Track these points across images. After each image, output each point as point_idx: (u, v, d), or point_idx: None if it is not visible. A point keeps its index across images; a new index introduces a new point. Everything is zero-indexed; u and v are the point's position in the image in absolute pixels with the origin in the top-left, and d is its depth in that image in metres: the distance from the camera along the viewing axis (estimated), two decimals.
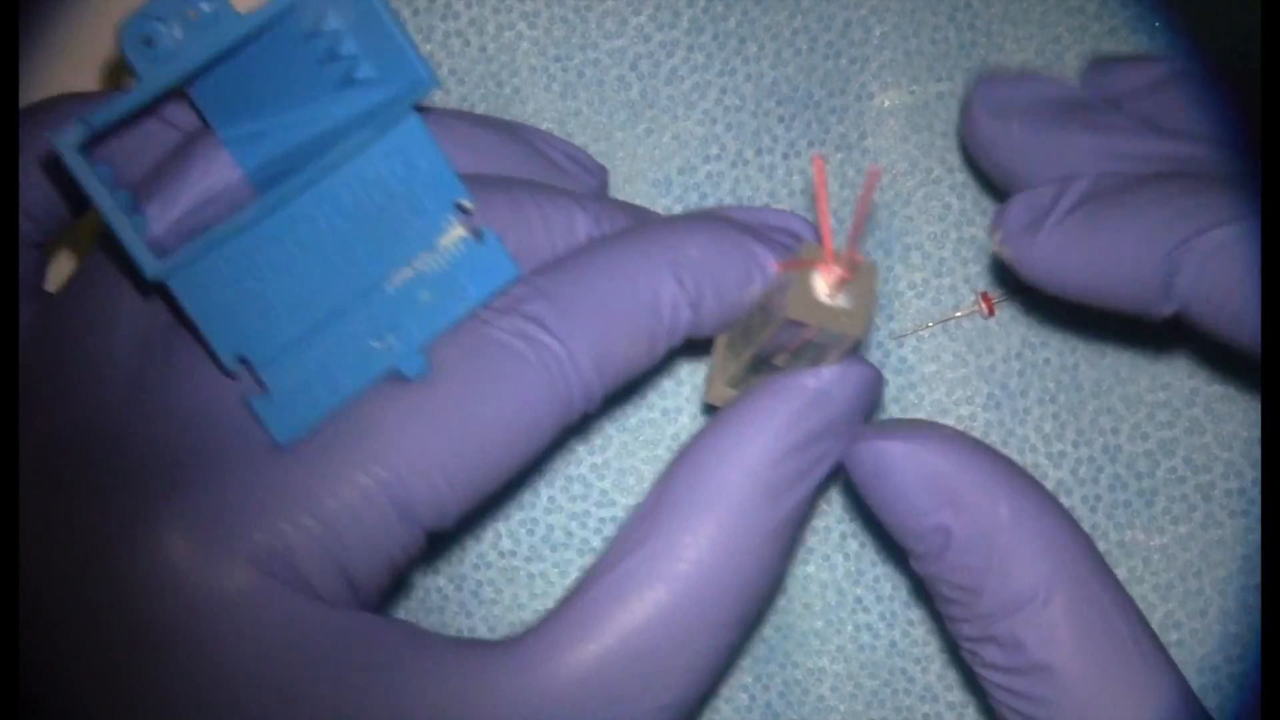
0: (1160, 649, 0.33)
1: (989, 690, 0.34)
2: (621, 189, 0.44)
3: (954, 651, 0.43)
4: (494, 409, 0.33)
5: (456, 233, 0.35)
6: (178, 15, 0.31)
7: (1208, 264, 0.31)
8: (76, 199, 0.37)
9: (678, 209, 0.44)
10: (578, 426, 0.35)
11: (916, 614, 0.44)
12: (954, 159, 0.44)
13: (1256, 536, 0.43)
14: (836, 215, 0.44)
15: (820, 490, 0.35)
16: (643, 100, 0.44)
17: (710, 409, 0.43)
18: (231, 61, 0.33)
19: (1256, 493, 0.43)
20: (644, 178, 0.44)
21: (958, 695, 0.43)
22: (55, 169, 0.36)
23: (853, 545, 0.44)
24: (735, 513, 0.33)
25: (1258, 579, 0.43)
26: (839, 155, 0.44)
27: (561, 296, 0.34)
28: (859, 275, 0.33)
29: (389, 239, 0.34)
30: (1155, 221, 0.32)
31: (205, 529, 0.32)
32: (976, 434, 0.44)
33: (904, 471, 0.34)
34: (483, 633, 0.44)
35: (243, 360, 0.33)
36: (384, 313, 0.34)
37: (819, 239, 0.37)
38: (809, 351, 0.35)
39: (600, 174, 0.40)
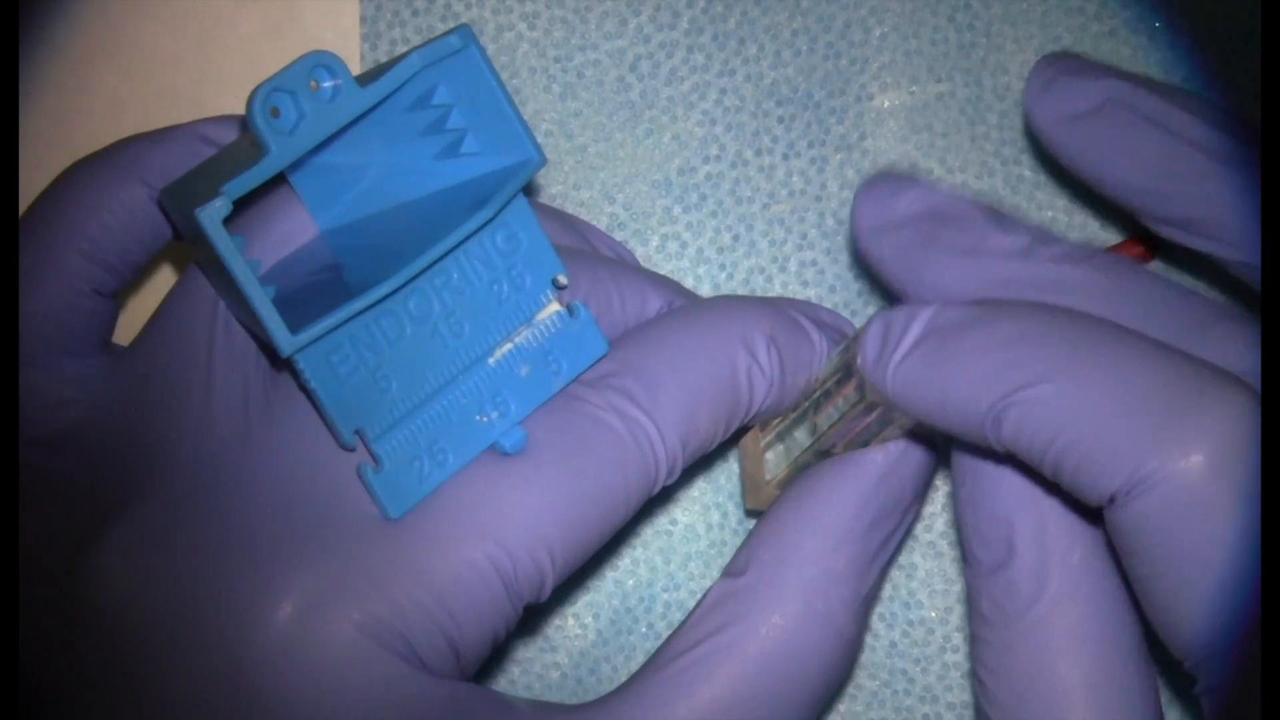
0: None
1: (979, 715, 0.35)
2: (621, 189, 0.44)
3: (954, 652, 0.43)
4: (592, 485, 0.34)
5: (553, 308, 0.36)
6: (302, 86, 0.31)
7: (1025, 421, 0.31)
8: (150, 247, 0.37)
9: (677, 209, 0.44)
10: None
11: (916, 615, 0.44)
12: (954, 160, 0.44)
13: None
14: (835, 216, 0.44)
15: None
16: (642, 101, 0.44)
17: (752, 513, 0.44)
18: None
19: None
20: (644, 178, 0.44)
21: (957, 696, 0.43)
22: (133, 218, 0.36)
23: None
24: (821, 593, 0.35)
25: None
26: (839, 156, 0.44)
27: (649, 372, 0.35)
28: None
29: (492, 313, 0.35)
30: (980, 373, 0.32)
31: (320, 600, 0.33)
32: None
33: (1002, 479, 0.34)
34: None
35: (358, 433, 0.34)
36: (486, 387, 0.35)
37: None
38: (864, 438, 0.36)
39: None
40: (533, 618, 0.44)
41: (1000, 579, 0.34)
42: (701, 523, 0.44)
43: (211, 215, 0.31)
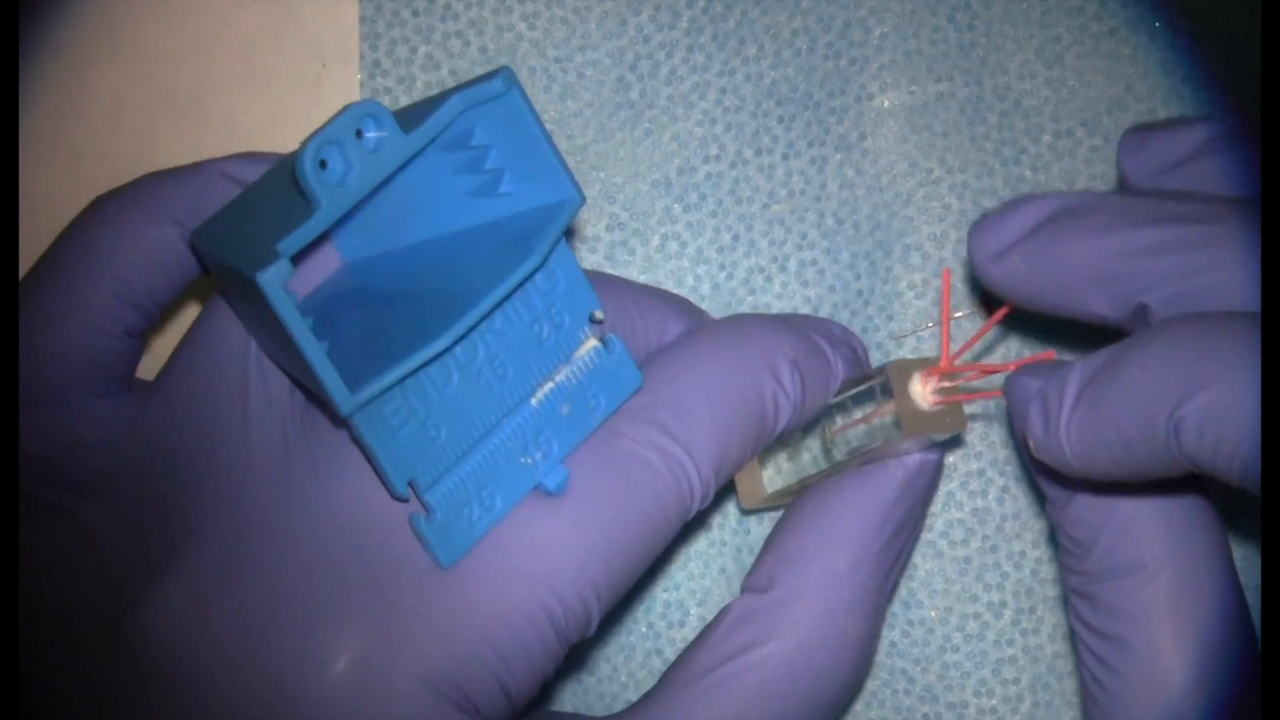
0: (1251, 650, 0.33)
1: (1076, 639, 0.35)
2: (621, 189, 0.44)
3: (954, 652, 0.43)
4: (634, 522, 0.35)
5: (590, 344, 0.35)
6: (349, 137, 0.31)
7: (1206, 429, 0.31)
8: (179, 286, 0.37)
9: (677, 209, 0.44)
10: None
11: (916, 615, 0.44)
12: (953, 159, 0.44)
13: (1254, 534, 0.43)
14: (835, 216, 0.44)
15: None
16: (642, 100, 0.44)
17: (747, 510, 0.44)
18: None
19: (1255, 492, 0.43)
20: (644, 178, 0.44)
21: (957, 696, 0.43)
22: (163, 258, 0.36)
23: None
24: (843, 609, 0.35)
25: (1256, 579, 0.43)
26: (839, 155, 0.44)
27: (683, 404, 0.35)
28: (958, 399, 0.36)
29: (533, 354, 0.35)
30: (1148, 393, 0.32)
31: (377, 652, 0.33)
32: (975, 435, 0.44)
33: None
34: None
35: (410, 484, 0.34)
36: (530, 429, 0.35)
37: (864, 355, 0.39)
38: (881, 455, 0.37)
39: None
40: None
41: (1071, 513, 0.34)
42: (700, 523, 0.44)
43: (273, 279, 0.30)
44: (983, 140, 0.44)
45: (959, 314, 0.44)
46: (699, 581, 0.44)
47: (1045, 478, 0.35)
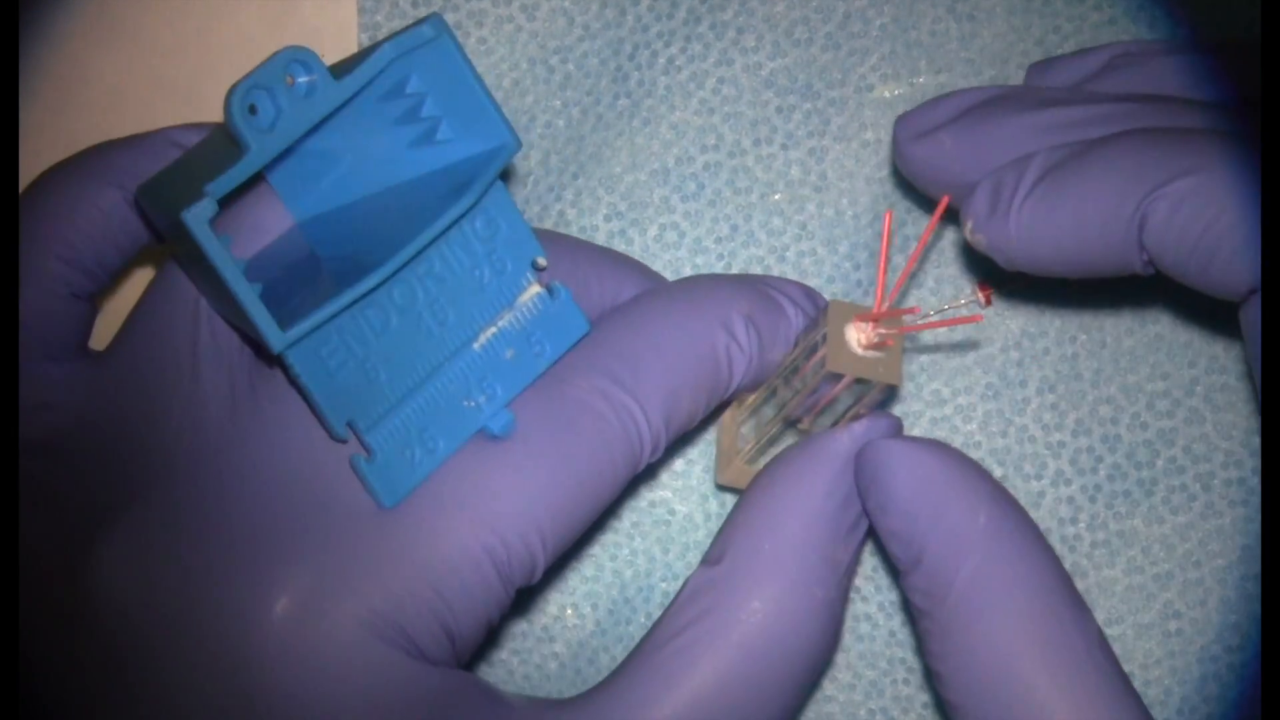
0: (1126, 684, 0.33)
1: (945, 707, 0.35)
2: (620, 179, 0.44)
3: None
4: (580, 467, 0.35)
5: (533, 290, 0.36)
6: (278, 83, 0.32)
7: (1174, 214, 0.32)
8: (126, 250, 0.37)
9: (675, 199, 0.44)
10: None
11: None
12: None
13: (1256, 526, 0.43)
14: (834, 207, 0.44)
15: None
16: (640, 90, 0.44)
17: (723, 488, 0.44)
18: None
19: (1256, 482, 0.43)
20: (642, 168, 0.44)
21: None
22: (109, 222, 0.37)
23: None
24: (796, 575, 0.35)
25: (1258, 568, 0.43)
26: (838, 147, 0.44)
27: (632, 353, 0.36)
28: (895, 335, 0.35)
29: (474, 299, 0.35)
30: (1119, 177, 0.33)
31: (317, 594, 0.33)
32: (975, 424, 0.44)
33: (899, 469, 0.35)
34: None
35: (349, 425, 0.34)
36: (473, 372, 0.35)
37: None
38: (835, 409, 0.36)
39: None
40: (530, 608, 0.44)
41: (922, 569, 0.34)
42: (699, 512, 0.44)
43: (197, 216, 0.31)
44: None
45: (958, 302, 0.44)
46: None
47: (897, 540, 0.35)
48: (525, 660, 0.44)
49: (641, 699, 0.34)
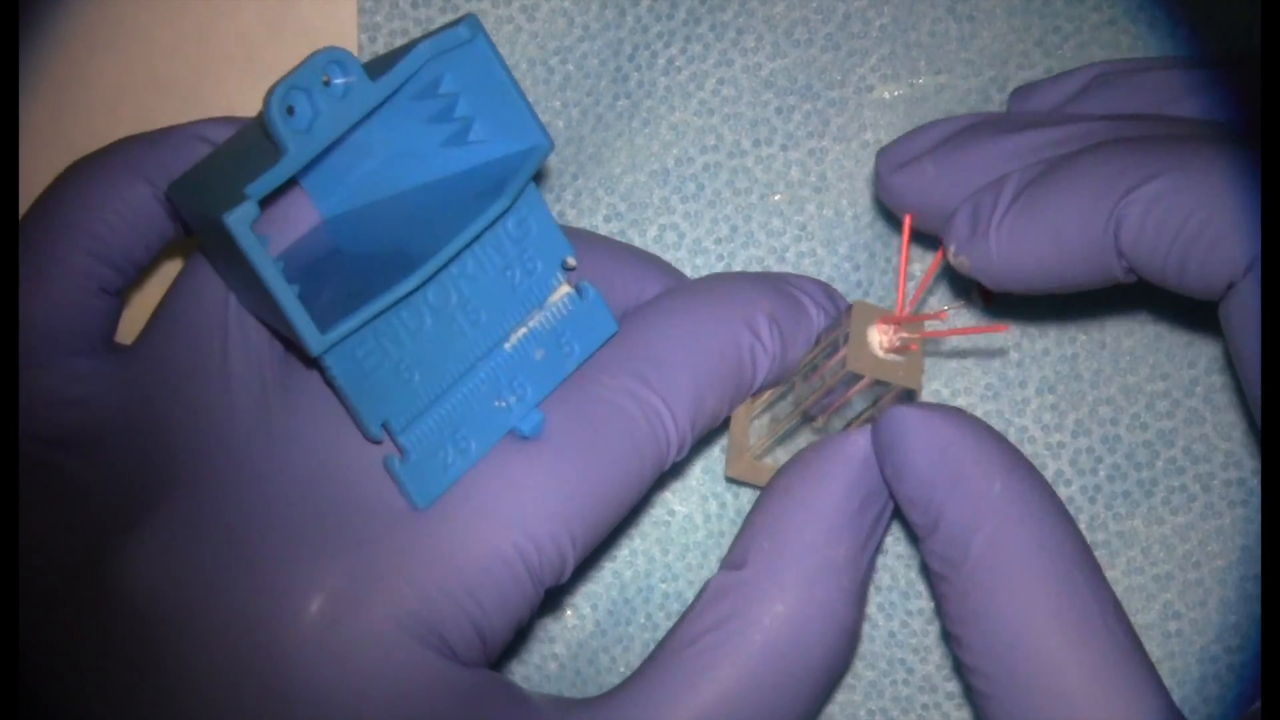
0: (1140, 650, 0.33)
1: (962, 669, 0.35)
2: (620, 180, 0.44)
3: None
4: (609, 467, 0.35)
5: (563, 290, 0.36)
6: (316, 84, 0.32)
7: (1147, 216, 0.33)
8: (154, 245, 0.37)
9: (675, 199, 0.44)
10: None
11: (915, 605, 0.44)
12: None
13: (1256, 527, 0.43)
14: (834, 208, 0.44)
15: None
16: (640, 91, 0.44)
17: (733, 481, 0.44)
18: None
19: (1256, 483, 0.43)
20: (641, 169, 0.44)
21: (956, 685, 0.43)
22: (138, 217, 0.37)
23: None
24: (817, 579, 0.35)
25: (1257, 569, 0.43)
26: (838, 147, 0.44)
27: (660, 354, 0.36)
28: (917, 339, 0.36)
29: (506, 299, 0.35)
30: (1091, 186, 0.33)
31: (351, 593, 0.33)
32: None
33: (916, 437, 0.35)
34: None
35: (384, 426, 0.34)
36: (504, 373, 0.35)
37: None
38: (851, 409, 0.37)
39: None
40: None
41: (939, 535, 0.34)
42: (699, 513, 0.44)
43: (240, 220, 0.31)
44: None
45: (958, 304, 0.44)
46: (697, 573, 0.44)
47: (915, 506, 0.35)
48: (525, 661, 0.44)
49: (663, 700, 0.34)
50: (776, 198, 0.44)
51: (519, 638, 0.44)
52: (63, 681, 0.34)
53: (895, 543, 0.43)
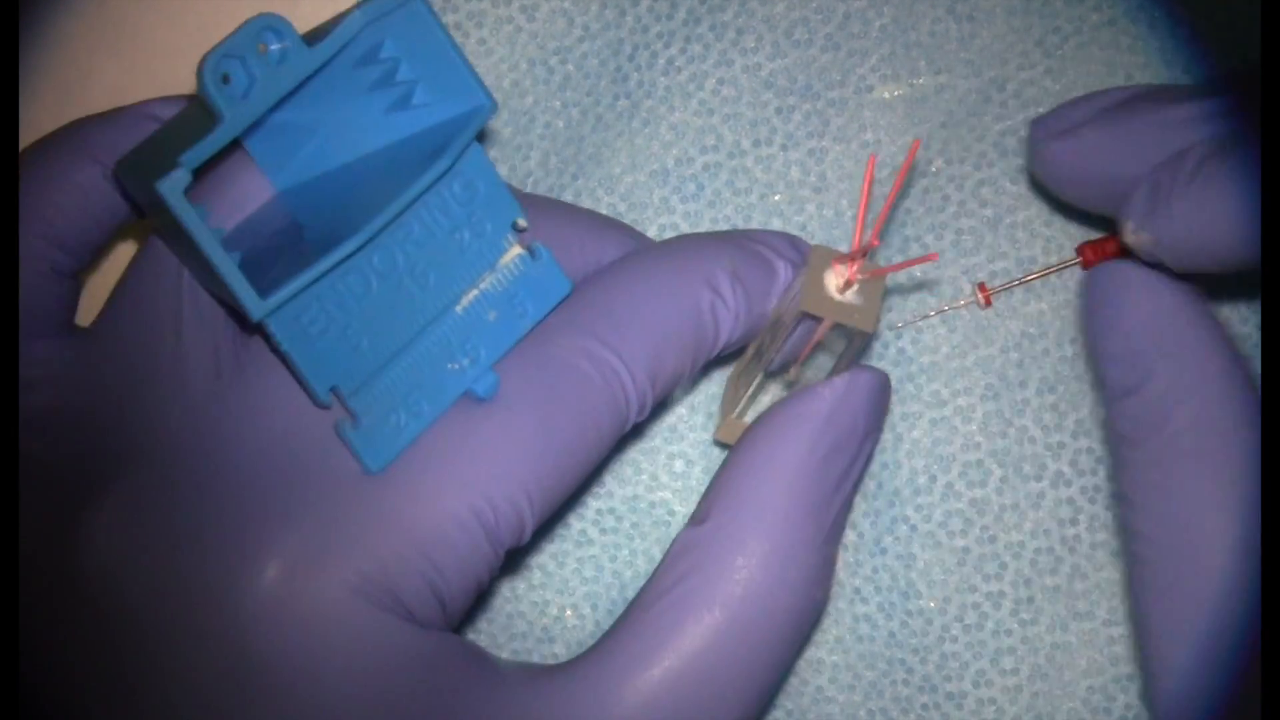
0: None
1: (1124, 530, 0.35)
2: (619, 180, 0.44)
3: (953, 642, 0.43)
4: (566, 428, 0.35)
5: (514, 251, 0.36)
6: (251, 51, 0.32)
7: None
8: (107, 226, 0.37)
9: (675, 199, 0.44)
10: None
11: (915, 605, 0.44)
12: (953, 151, 0.44)
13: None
14: (834, 208, 0.44)
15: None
16: (640, 91, 0.44)
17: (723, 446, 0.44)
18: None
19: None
20: (641, 169, 0.44)
21: (956, 686, 0.43)
22: (87, 197, 0.37)
23: (851, 536, 0.44)
24: (781, 531, 0.35)
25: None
26: (838, 148, 0.44)
27: (615, 313, 0.36)
28: (869, 277, 0.35)
29: (455, 262, 0.35)
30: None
31: (306, 559, 0.33)
32: (975, 425, 0.44)
33: (1137, 294, 0.34)
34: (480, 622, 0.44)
35: (333, 391, 0.34)
36: (456, 335, 0.35)
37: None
38: (818, 360, 0.36)
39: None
40: (530, 609, 0.44)
41: (1140, 397, 0.34)
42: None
43: (172, 186, 0.31)
44: (983, 132, 0.44)
45: (959, 303, 0.44)
46: None
47: (1117, 363, 0.35)
48: (525, 661, 0.44)
49: (630, 660, 0.34)
50: (776, 198, 0.44)
51: (519, 638, 0.44)
52: (30, 659, 0.34)
53: (895, 543, 0.44)
